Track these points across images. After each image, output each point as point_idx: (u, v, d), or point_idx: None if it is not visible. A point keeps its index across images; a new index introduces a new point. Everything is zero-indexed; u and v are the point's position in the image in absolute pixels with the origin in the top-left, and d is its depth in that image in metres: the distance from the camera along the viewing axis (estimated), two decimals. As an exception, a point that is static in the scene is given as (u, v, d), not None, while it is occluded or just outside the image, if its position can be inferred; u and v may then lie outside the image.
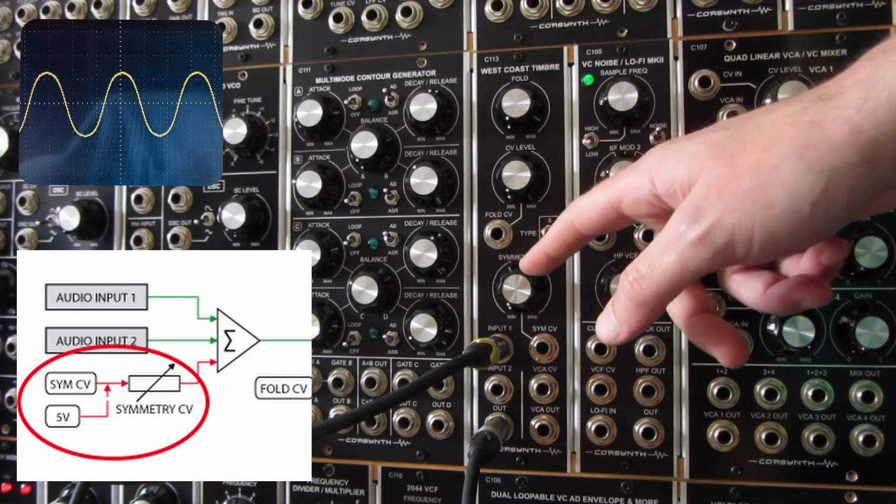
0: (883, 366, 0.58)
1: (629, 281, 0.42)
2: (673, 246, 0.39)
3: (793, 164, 0.36)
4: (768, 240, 0.37)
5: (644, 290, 0.41)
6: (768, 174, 0.36)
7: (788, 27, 0.61)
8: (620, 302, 0.43)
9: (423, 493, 0.66)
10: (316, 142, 0.69)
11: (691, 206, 0.39)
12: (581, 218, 0.48)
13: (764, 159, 0.37)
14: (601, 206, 0.47)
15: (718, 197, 0.38)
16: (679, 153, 0.42)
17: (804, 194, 0.36)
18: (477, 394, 0.65)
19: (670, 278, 0.40)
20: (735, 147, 0.39)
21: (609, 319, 0.44)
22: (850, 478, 0.59)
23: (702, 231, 0.38)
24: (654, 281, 0.40)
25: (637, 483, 0.62)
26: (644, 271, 0.41)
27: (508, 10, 0.66)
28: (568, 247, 0.51)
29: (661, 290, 0.41)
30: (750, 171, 0.37)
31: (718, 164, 0.39)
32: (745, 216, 0.37)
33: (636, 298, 0.42)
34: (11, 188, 0.77)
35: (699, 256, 0.38)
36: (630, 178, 0.45)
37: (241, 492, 0.70)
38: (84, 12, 0.75)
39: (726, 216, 0.37)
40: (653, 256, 0.41)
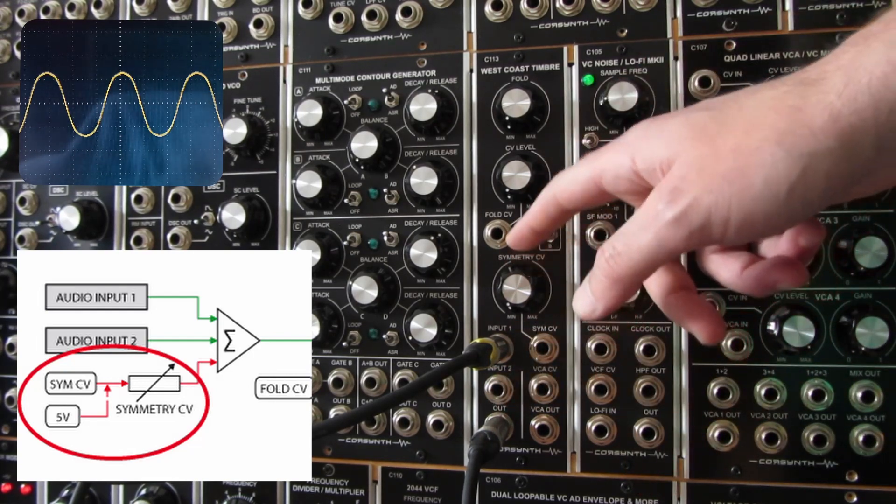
0: (883, 366, 0.58)
1: (605, 258, 0.42)
2: (650, 225, 0.39)
3: (772, 148, 0.36)
4: (744, 222, 0.37)
5: (620, 268, 0.41)
6: (747, 157, 0.37)
7: (788, 27, 0.61)
8: (596, 279, 0.43)
9: (423, 493, 0.66)
10: (316, 142, 0.69)
11: (669, 186, 0.39)
12: (563, 192, 0.49)
13: (744, 142, 0.37)
14: (583, 182, 0.47)
15: (697, 178, 0.38)
16: (659, 131, 0.42)
17: (781, 178, 0.36)
18: (477, 394, 0.65)
19: (646, 256, 0.40)
20: (716, 128, 0.39)
21: (585, 295, 0.45)
22: (850, 478, 0.59)
23: (679, 211, 0.38)
24: (631, 259, 0.41)
25: (637, 483, 0.62)
26: (620, 248, 0.41)
27: (508, 10, 0.66)
28: (552, 221, 0.51)
29: (636, 268, 0.41)
30: (729, 154, 0.37)
31: (698, 145, 0.39)
32: (722, 198, 0.37)
33: (612, 275, 0.42)
34: (11, 188, 0.77)
35: (675, 236, 0.39)
36: (612, 154, 0.45)
37: (241, 492, 0.70)
38: (84, 12, 0.75)
39: (703, 197, 0.37)
40: (629, 234, 0.41)
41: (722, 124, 0.39)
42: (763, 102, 0.38)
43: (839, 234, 0.59)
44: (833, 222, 0.59)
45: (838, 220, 0.59)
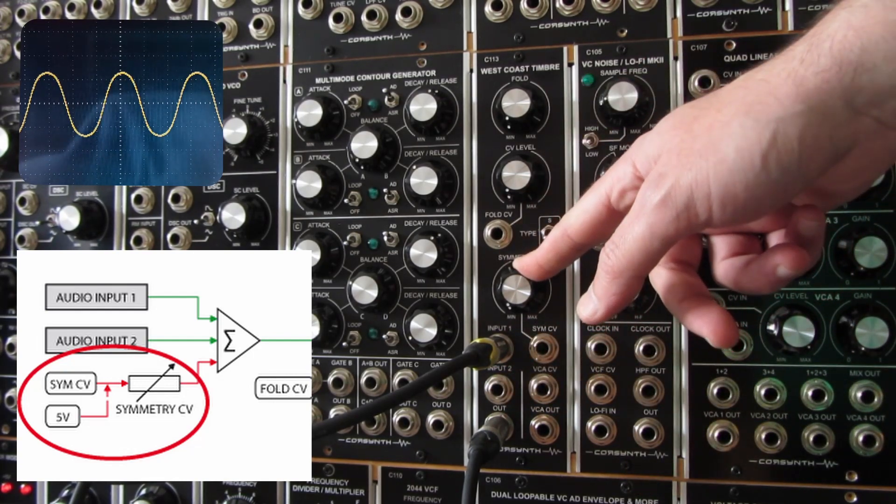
0: (883, 366, 0.58)
1: (605, 255, 0.44)
2: (639, 213, 0.41)
3: (741, 119, 0.37)
4: (725, 195, 0.38)
5: (617, 261, 0.43)
6: (719, 131, 0.38)
7: (788, 27, 0.61)
8: (598, 277, 0.45)
9: (423, 493, 0.66)
10: (316, 142, 0.69)
11: (655, 174, 0.40)
12: (574, 226, 0.50)
13: (716, 119, 0.39)
14: (592, 208, 0.48)
15: (676, 160, 0.39)
16: (652, 133, 0.44)
17: (753, 145, 0.37)
18: (477, 394, 0.65)
19: (640, 245, 0.41)
20: (693, 114, 0.41)
21: (589, 299, 0.46)
22: (850, 478, 0.59)
23: (663, 193, 0.39)
24: (627, 250, 0.42)
25: (637, 483, 0.62)
26: (617, 242, 0.43)
27: (508, 10, 0.66)
28: (561, 258, 0.53)
29: (634, 259, 0.42)
30: (703, 132, 0.39)
31: (678, 133, 0.41)
32: (700, 173, 0.38)
33: (611, 270, 0.43)
34: (11, 188, 0.77)
35: (664, 219, 0.40)
36: (614, 171, 0.47)
37: (241, 492, 0.70)
38: (84, 12, 0.75)
39: (683, 175, 0.39)
40: (623, 227, 0.42)
41: (699, 109, 0.41)
42: (736, 83, 0.40)
43: (839, 234, 0.59)
44: (833, 222, 0.59)
45: (838, 220, 0.59)
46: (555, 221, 0.63)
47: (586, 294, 0.47)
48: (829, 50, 0.36)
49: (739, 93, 0.39)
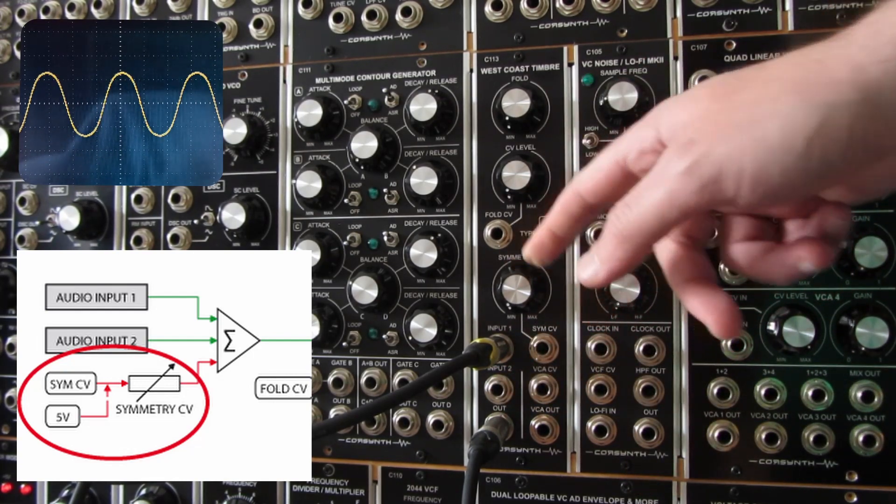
0: (883, 366, 0.58)
1: (616, 216, 0.40)
2: (661, 178, 0.38)
3: (789, 97, 0.35)
4: (759, 175, 0.35)
5: (629, 224, 0.39)
6: (763, 107, 0.35)
7: (788, 27, 0.61)
8: (603, 240, 0.41)
9: (423, 493, 0.66)
10: (316, 142, 0.69)
11: (684, 139, 0.37)
12: (586, 185, 0.45)
13: (762, 93, 0.36)
14: (606, 167, 0.44)
15: (711, 128, 0.37)
16: (683, 99, 0.41)
17: (798, 128, 0.34)
18: (477, 394, 0.65)
19: (656, 212, 0.38)
20: (735, 85, 0.38)
21: (591, 260, 0.42)
22: (850, 478, 0.59)
23: (690, 161, 0.36)
24: (640, 214, 0.39)
25: (637, 483, 0.62)
26: (630, 203, 0.39)
27: (508, 10, 0.66)
28: (574, 220, 0.47)
29: (646, 226, 0.39)
30: (746, 105, 0.36)
31: (715, 100, 0.38)
32: (736, 147, 0.35)
33: (620, 233, 0.40)
34: (11, 188, 0.77)
35: (686, 189, 0.37)
36: (635, 131, 0.43)
37: (241, 492, 0.70)
38: (84, 12, 0.75)
39: (716, 146, 0.36)
40: (640, 189, 0.39)
41: (742, 80, 0.38)
42: (786, 59, 0.37)
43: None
44: (833, 222, 0.59)
45: (838, 220, 0.59)
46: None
47: (587, 254, 0.43)
48: (892, 40, 0.33)
49: (791, 70, 0.36)
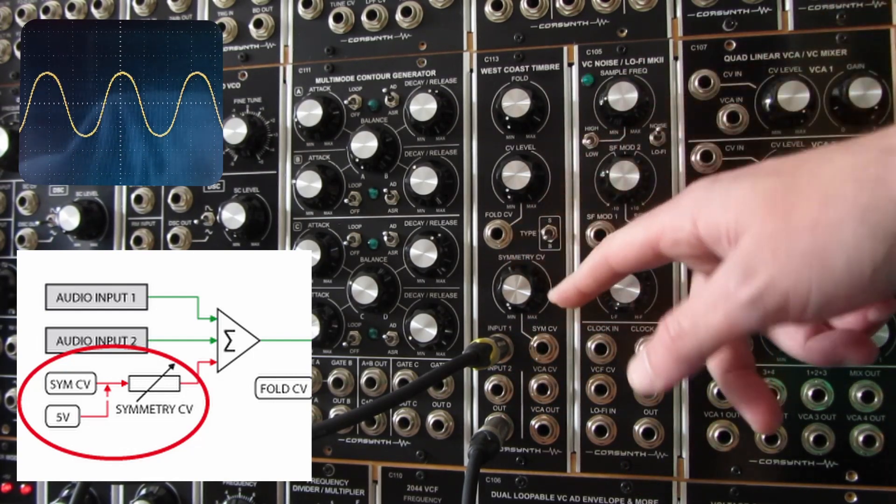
0: (883, 366, 0.58)
1: (670, 335, 0.40)
2: (720, 305, 0.37)
3: (854, 226, 0.33)
4: (825, 304, 0.35)
5: (686, 347, 0.39)
6: (827, 235, 0.34)
7: (788, 27, 0.61)
8: (658, 354, 0.41)
9: (423, 493, 0.66)
10: (316, 142, 0.69)
11: (742, 264, 0.36)
12: (616, 256, 0.45)
13: (822, 217, 0.34)
14: (639, 246, 0.44)
15: (772, 257, 0.35)
16: (725, 196, 0.39)
17: (865, 259, 0.33)
18: (477, 394, 0.65)
19: (715, 337, 0.38)
20: (788, 199, 0.36)
21: (643, 368, 0.41)
22: (850, 478, 0.59)
23: (753, 293, 0.35)
24: (698, 338, 0.38)
25: (637, 483, 0.62)
26: (687, 327, 0.39)
27: (508, 10, 0.66)
28: (600, 284, 0.48)
29: (704, 348, 0.39)
30: (807, 230, 0.34)
31: (770, 218, 0.36)
32: (802, 280, 0.34)
33: (677, 354, 0.39)
34: (11, 188, 0.77)
35: (749, 318, 0.36)
36: (670, 216, 0.42)
37: (241, 492, 0.70)
38: (84, 12, 0.75)
39: (781, 279, 0.35)
40: (698, 313, 0.38)
41: (795, 194, 0.36)
42: (841, 171, 0.35)
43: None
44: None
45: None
46: (555, 221, 0.64)
47: (639, 360, 0.42)
48: None
49: (850, 188, 0.34)
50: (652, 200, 0.62)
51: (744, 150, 0.61)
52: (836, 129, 0.59)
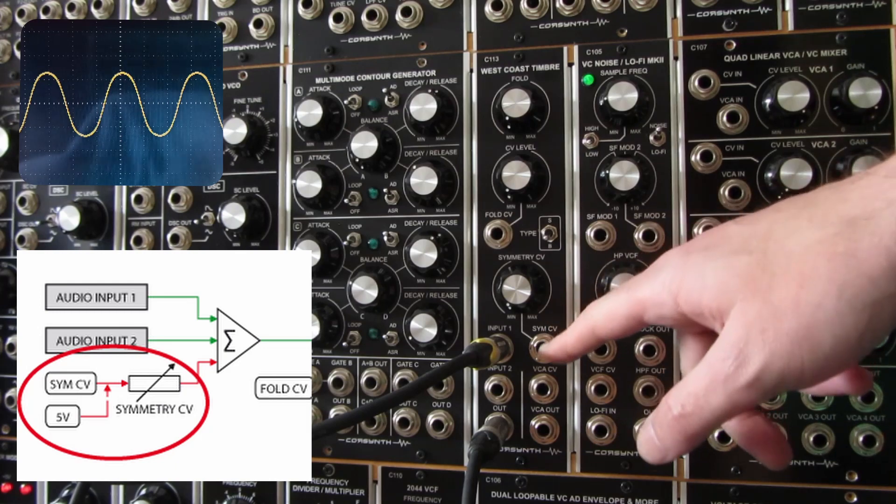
0: (883, 366, 0.58)
1: (674, 416, 0.42)
2: (720, 387, 0.39)
3: (834, 302, 0.35)
4: (818, 374, 0.37)
5: (693, 426, 0.41)
6: (811, 314, 0.36)
7: (788, 27, 0.61)
8: (666, 431, 0.43)
9: (423, 493, 0.66)
10: (316, 142, 0.69)
11: (734, 349, 0.38)
12: (604, 328, 0.48)
13: (802, 297, 0.36)
14: (623, 317, 0.46)
15: (762, 340, 0.37)
16: (700, 276, 0.41)
17: (850, 331, 0.36)
18: (477, 394, 0.65)
19: (719, 417, 0.40)
20: (766, 279, 0.38)
21: (651, 441, 0.44)
22: (850, 478, 0.59)
23: (751, 377, 0.38)
24: (703, 419, 0.40)
25: (637, 483, 0.62)
26: (690, 409, 0.41)
27: (508, 10, 0.66)
28: (587, 348, 0.51)
29: (709, 426, 0.41)
30: (790, 310, 0.37)
31: (753, 300, 0.38)
32: (794, 359, 0.37)
33: (685, 433, 0.42)
34: (11, 188, 0.77)
35: (749, 398, 0.39)
36: (650, 290, 0.44)
37: (241, 492, 0.70)
38: (84, 12, 0.75)
39: (774, 361, 0.37)
40: (698, 396, 0.40)
41: (771, 274, 0.38)
42: (810, 248, 0.37)
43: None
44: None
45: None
46: (555, 221, 0.64)
47: (646, 431, 0.44)
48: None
49: (823, 265, 0.36)
50: (652, 200, 0.62)
51: (744, 150, 0.61)
52: (836, 129, 0.60)
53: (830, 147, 0.60)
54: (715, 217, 0.60)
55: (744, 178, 0.60)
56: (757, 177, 0.60)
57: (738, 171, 0.61)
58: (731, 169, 0.61)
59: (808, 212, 0.39)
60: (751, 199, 0.60)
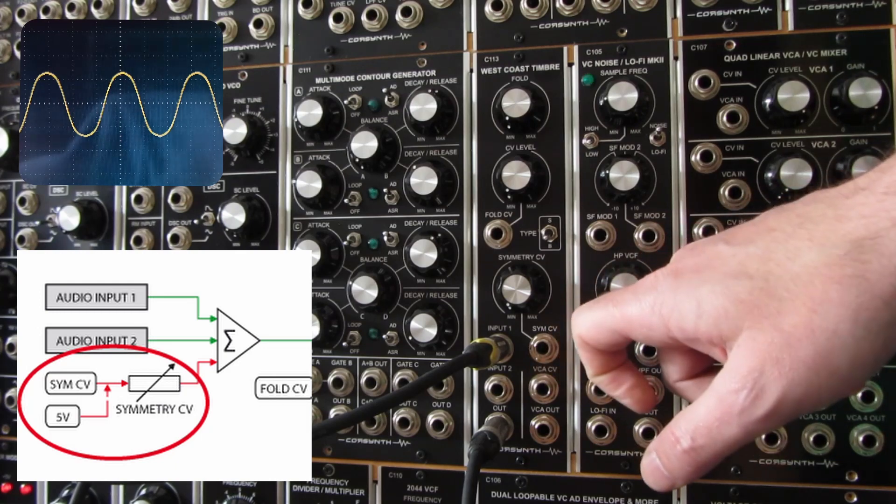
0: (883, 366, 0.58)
1: (684, 449, 0.40)
2: (734, 420, 0.38)
3: (850, 327, 0.35)
4: (833, 398, 0.37)
5: (704, 458, 0.40)
6: (827, 341, 0.35)
7: (788, 27, 0.61)
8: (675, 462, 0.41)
9: (423, 493, 0.66)
10: (316, 142, 0.69)
11: (748, 380, 0.37)
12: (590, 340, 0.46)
13: (816, 323, 0.35)
14: (608, 332, 0.45)
15: (778, 371, 0.36)
16: (694, 300, 0.39)
17: (867, 354, 0.35)
18: (477, 394, 0.65)
19: (733, 447, 0.39)
20: (773, 305, 0.37)
21: (659, 471, 0.42)
22: (850, 478, 0.59)
23: (769, 409, 0.37)
24: (716, 451, 0.39)
25: (637, 483, 0.62)
26: (703, 442, 0.39)
27: (508, 10, 0.66)
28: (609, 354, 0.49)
29: (722, 455, 0.40)
30: (805, 338, 0.36)
31: (762, 328, 0.37)
32: (811, 387, 0.36)
33: (695, 464, 0.40)
34: (11, 188, 0.77)
35: (765, 428, 0.38)
36: (638, 310, 0.42)
37: (241, 492, 0.70)
38: (84, 12, 0.75)
39: (792, 390, 0.36)
40: (711, 428, 0.39)
41: (779, 300, 0.37)
42: (818, 272, 0.36)
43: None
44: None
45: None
46: (555, 221, 0.64)
47: (650, 460, 0.42)
48: None
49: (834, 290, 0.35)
50: (652, 200, 0.62)
51: (744, 150, 0.61)
52: (836, 129, 0.60)
53: (830, 147, 0.60)
54: (715, 217, 0.60)
55: (744, 179, 0.60)
56: (757, 177, 0.60)
57: (738, 171, 0.61)
58: (731, 169, 0.61)
59: (807, 231, 0.37)
60: (751, 199, 0.60)
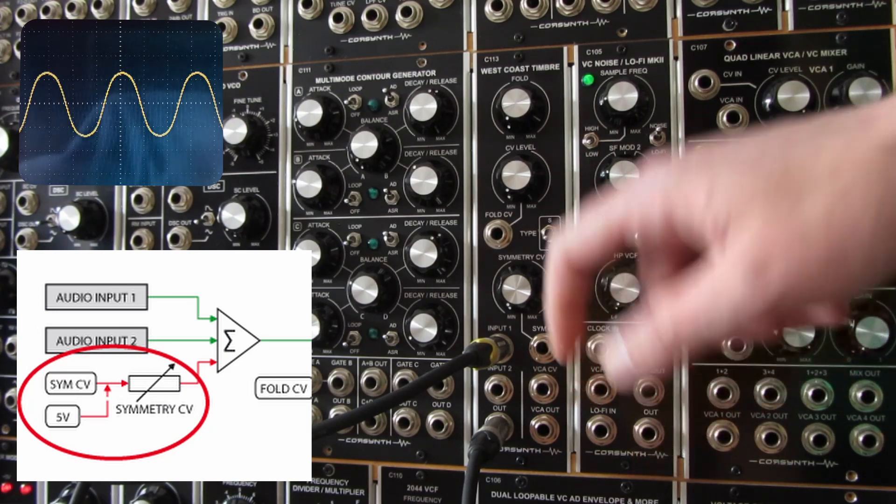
0: (883, 366, 0.58)
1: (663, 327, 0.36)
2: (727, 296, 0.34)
3: (871, 224, 0.32)
4: (836, 296, 0.35)
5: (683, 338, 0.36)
6: (844, 235, 0.32)
7: (788, 27, 0.61)
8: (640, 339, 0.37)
9: (423, 493, 0.66)
10: (316, 142, 0.69)
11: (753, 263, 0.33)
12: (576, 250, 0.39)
13: (836, 216, 0.32)
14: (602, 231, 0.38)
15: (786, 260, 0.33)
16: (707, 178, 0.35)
17: (880, 257, 0.33)
18: (477, 394, 0.65)
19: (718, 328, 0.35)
20: (793, 191, 0.33)
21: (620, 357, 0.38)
22: (850, 478, 0.59)
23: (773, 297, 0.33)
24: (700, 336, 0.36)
25: (637, 483, 0.62)
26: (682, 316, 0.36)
27: (508, 10, 0.66)
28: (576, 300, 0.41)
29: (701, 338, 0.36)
30: (822, 230, 0.33)
31: (776, 213, 0.33)
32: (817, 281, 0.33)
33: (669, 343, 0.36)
34: (11, 188, 0.77)
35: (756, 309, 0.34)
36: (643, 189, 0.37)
37: (241, 492, 0.70)
38: (84, 12, 0.75)
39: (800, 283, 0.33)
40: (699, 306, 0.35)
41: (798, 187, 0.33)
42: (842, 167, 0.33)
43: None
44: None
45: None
46: (555, 221, 0.64)
47: (614, 348, 0.38)
48: None
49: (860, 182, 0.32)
50: (652, 200, 0.62)
51: (744, 150, 0.61)
52: (836, 129, 0.59)
53: (830, 147, 0.59)
54: (715, 217, 0.60)
55: (744, 178, 0.60)
56: (757, 177, 0.60)
57: (738, 171, 0.61)
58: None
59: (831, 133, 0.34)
60: (751, 199, 0.60)
